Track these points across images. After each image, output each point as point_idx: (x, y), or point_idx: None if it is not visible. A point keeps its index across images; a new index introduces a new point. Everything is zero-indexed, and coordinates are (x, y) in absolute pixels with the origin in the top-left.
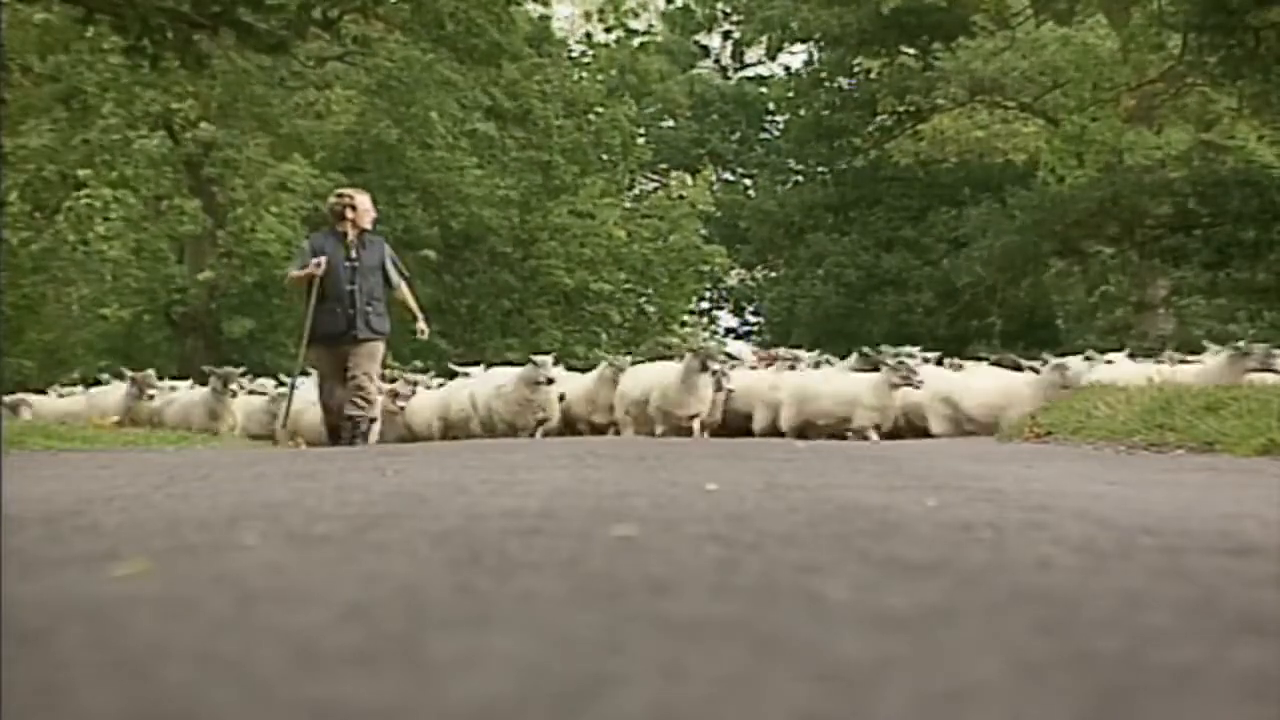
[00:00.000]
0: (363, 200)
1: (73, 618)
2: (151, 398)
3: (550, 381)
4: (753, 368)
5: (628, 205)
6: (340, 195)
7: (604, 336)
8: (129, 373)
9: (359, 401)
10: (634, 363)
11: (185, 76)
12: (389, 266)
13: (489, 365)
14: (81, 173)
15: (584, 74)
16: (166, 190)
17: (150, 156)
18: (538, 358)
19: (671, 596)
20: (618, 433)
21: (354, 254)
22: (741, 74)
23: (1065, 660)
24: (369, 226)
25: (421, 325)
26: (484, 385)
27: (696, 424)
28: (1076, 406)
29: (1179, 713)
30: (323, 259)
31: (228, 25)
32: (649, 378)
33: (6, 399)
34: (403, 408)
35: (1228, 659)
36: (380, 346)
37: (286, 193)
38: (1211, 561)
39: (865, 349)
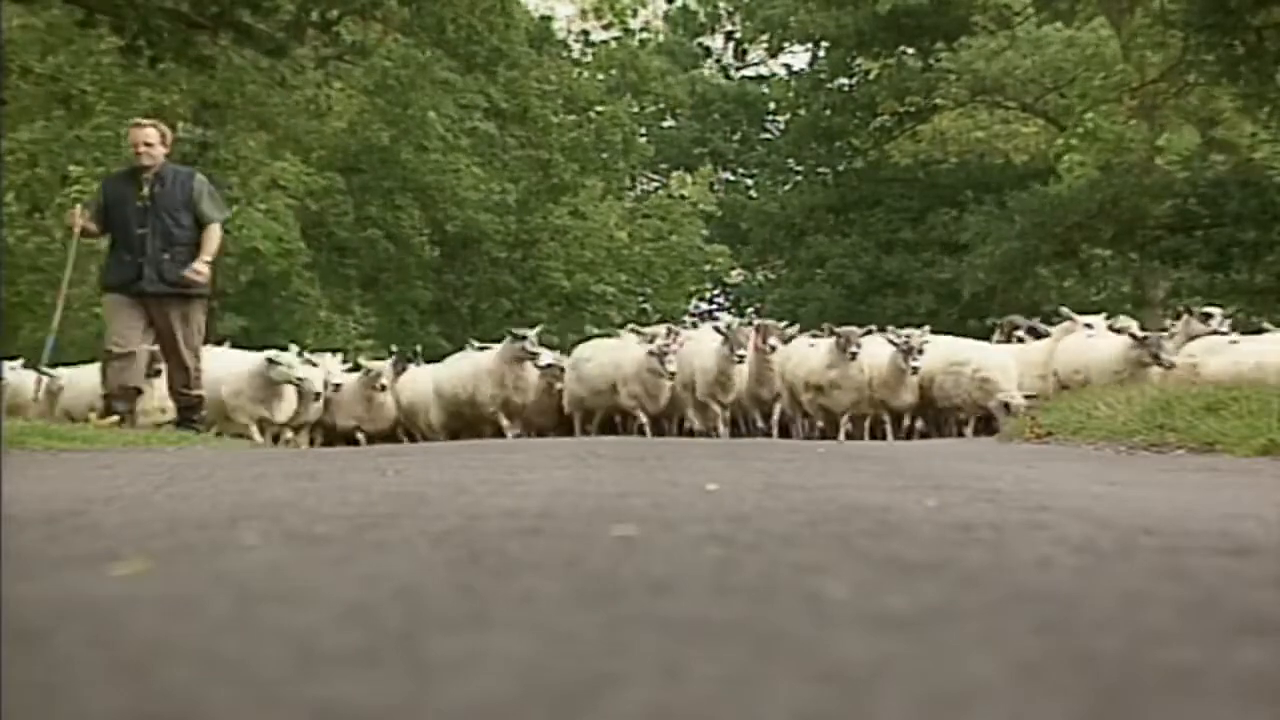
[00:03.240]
0: (155, 133)
1: (73, 618)
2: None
3: (534, 357)
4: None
5: (628, 205)
6: (135, 126)
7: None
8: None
9: (184, 379)
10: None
11: (184, 76)
12: (203, 206)
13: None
14: (73, 169)
15: (584, 72)
16: None
17: None
18: (520, 330)
19: (671, 596)
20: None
21: (147, 191)
22: (742, 74)
23: (1065, 660)
24: (160, 159)
25: (196, 266)
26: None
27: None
28: (1077, 407)
29: (1179, 713)
30: (75, 210)
31: (227, 26)
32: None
33: (44, 383)
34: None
35: (1228, 659)
36: (193, 306)
37: (279, 189)
38: (1211, 561)
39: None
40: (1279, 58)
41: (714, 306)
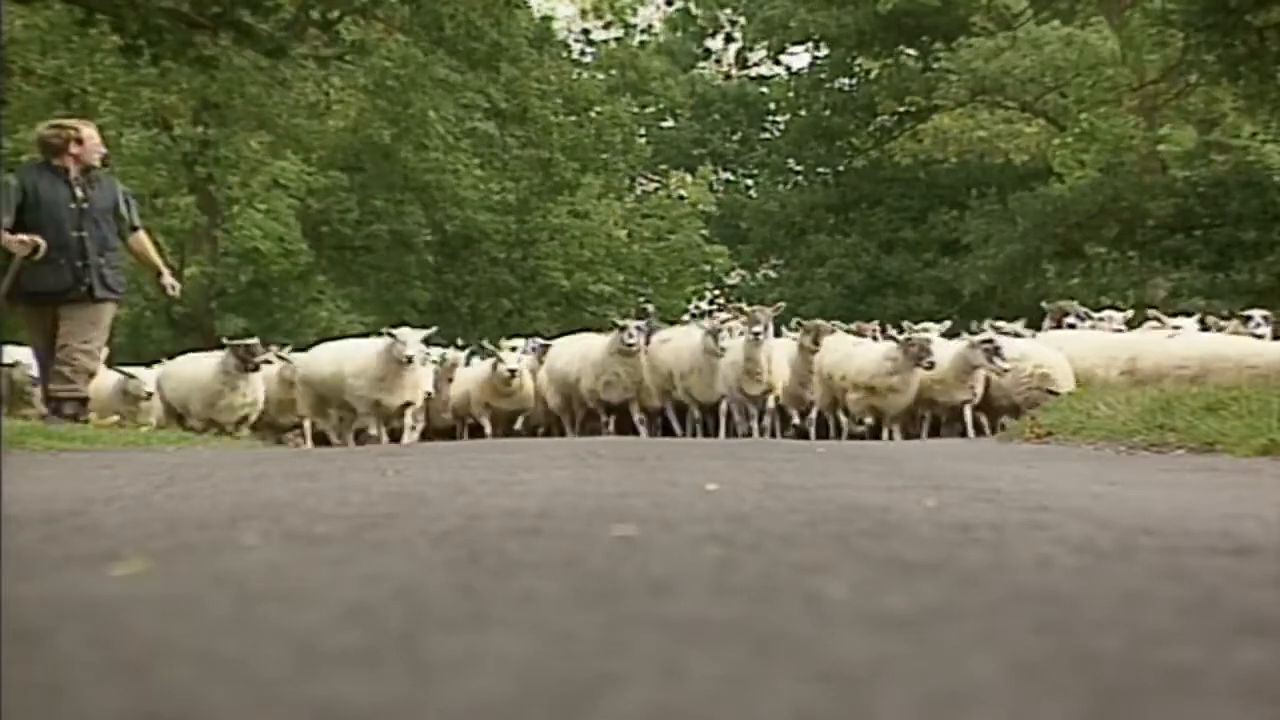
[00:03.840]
0: (90, 132)
1: (73, 618)
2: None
3: (410, 360)
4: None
5: (628, 205)
6: (60, 126)
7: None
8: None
9: (67, 375)
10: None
11: (185, 75)
12: (125, 211)
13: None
14: None
15: (583, 72)
16: (162, 187)
17: (136, 154)
18: (399, 331)
19: (671, 596)
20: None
21: (80, 194)
22: (743, 74)
23: (1065, 660)
24: (96, 163)
25: (169, 281)
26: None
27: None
28: (1077, 406)
29: (1179, 713)
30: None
31: (227, 26)
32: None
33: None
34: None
35: (1228, 659)
36: (111, 310)
37: (279, 188)
38: (1211, 561)
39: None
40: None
41: (713, 306)
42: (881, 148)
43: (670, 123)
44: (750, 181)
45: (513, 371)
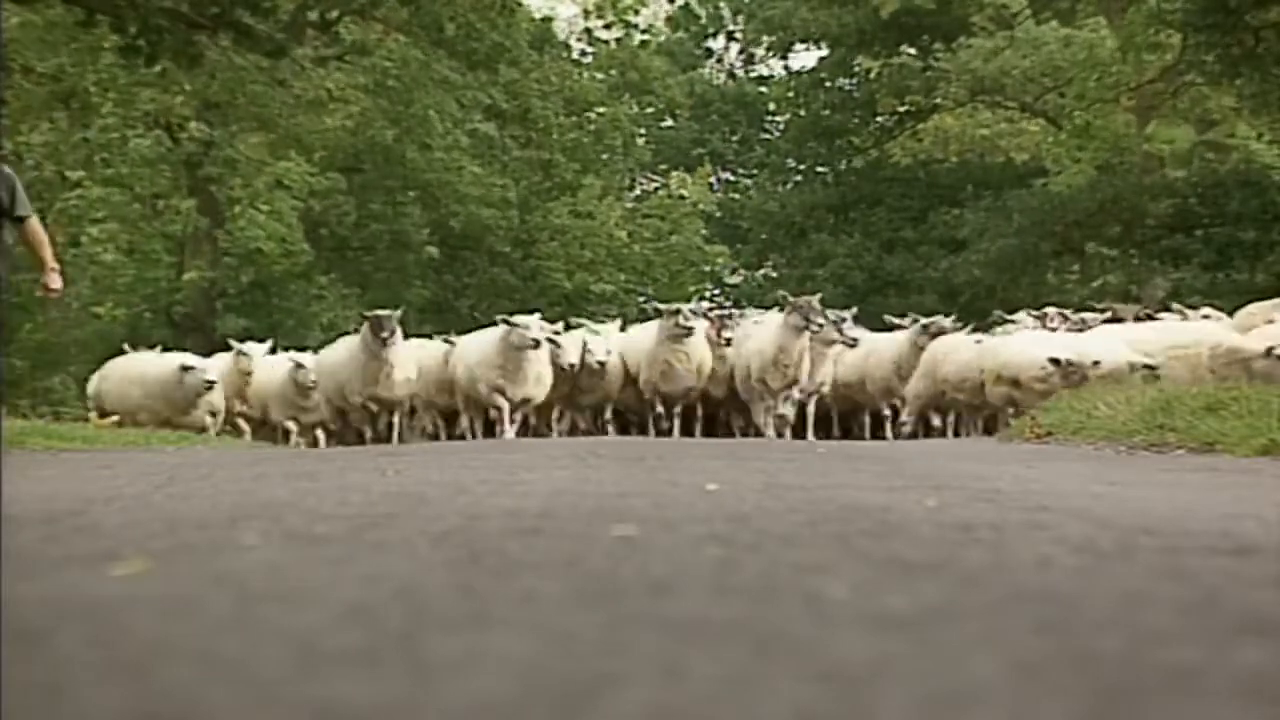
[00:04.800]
0: None
1: (73, 618)
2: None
3: (536, 345)
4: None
5: (628, 205)
6: None
7: None
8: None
9: None
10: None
11: (183, 75)
12: (24, 202)
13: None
14: (75, 174)
15: (584, 73)
16: (164, 189)
17: (144, 155)
18: (519, 318)
19: (671, 596)
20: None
21: None
22: (745, 70)
23: (1065, 660)
24: None
25: (53, 280)
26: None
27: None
28: (1077, 406)
29: (1179, 713)
30: None
31: (226, 26)
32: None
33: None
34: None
35: (1228, 659)
36: None
37: (282, 190)
38: (1211, 561)
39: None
40: (1279, 58)
41: (713, 306)
42: (881, 147)
43: (670, 123)
44: (750, 181)
45: (601, 364)
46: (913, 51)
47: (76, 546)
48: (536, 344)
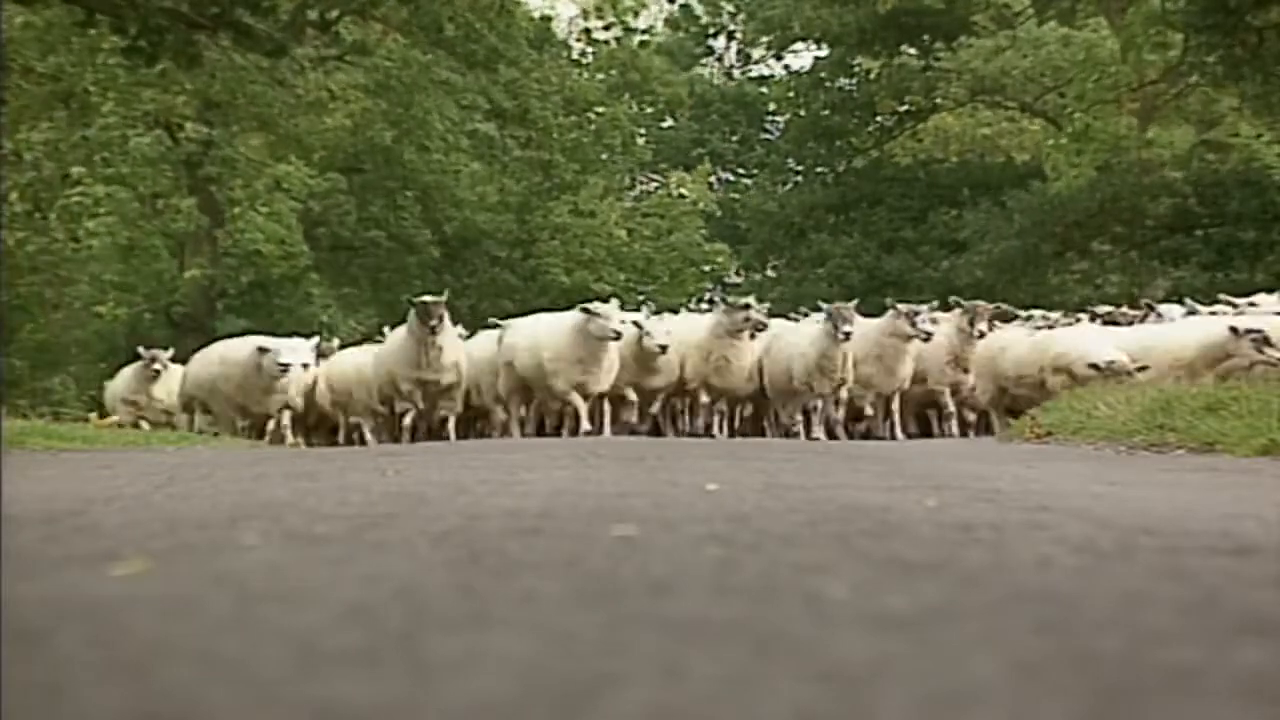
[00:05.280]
0: None
1: (73, 618)
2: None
3: (618, 336)
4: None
5: (628, 205)
6: None
7: None
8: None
9: None
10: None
11: (183, 75)
12: None
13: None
14: (76, 170)
15: (584, 73)
16: (164, 189)
17: (145, 155)
18: (597, 306)
19: (671, 596)
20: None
21: None
22: (746, 70)
23: (1065, 660)
24: None
25: None
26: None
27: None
28: (1077, 406)
29: (1179, 713)
30: None
31: (226, 26)
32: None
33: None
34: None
35: (1228, 659)
36: None
37: (281, 191)
38: (1211, 561)
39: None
40: None
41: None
42: (881, 147)
43: (670, 123)
44: (750, 181)
45: (663, 347)
46: (913, 51)
47: (76, 546)
48: (618, 335)
